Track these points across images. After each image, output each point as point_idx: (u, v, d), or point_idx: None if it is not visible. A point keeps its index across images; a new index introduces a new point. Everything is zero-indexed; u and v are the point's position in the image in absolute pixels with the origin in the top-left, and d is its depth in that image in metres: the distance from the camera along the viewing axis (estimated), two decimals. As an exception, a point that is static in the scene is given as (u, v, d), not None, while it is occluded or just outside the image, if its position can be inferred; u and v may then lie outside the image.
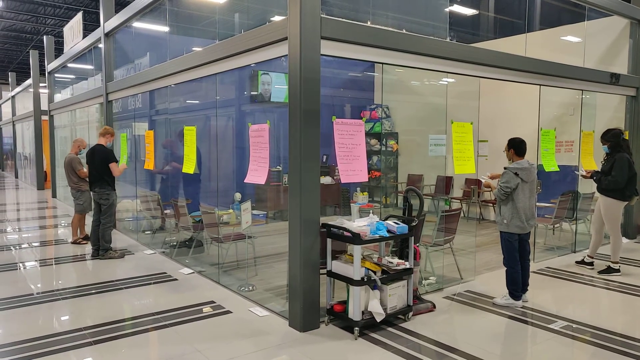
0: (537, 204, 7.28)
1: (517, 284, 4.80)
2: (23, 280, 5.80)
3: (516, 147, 4.81)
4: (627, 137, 6.20)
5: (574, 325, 4.37)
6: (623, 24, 8.06)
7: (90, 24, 14.83)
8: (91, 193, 7.10)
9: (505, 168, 4.81)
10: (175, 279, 5.82)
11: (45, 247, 7.69)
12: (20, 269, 6.32)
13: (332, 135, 4.39)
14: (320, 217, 4.29)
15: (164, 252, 7.19)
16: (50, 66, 13.87)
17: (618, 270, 5.99)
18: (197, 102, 9.51)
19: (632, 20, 7.92)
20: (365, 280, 4.10)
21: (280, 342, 3.99)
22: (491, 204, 9.53)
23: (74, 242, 7.74)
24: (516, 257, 4.79)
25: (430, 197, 10.11)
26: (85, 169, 7.35)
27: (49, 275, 6.06)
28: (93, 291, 5.36)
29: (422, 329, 4.26)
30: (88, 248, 7.30)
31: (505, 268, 4.87)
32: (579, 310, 4.80)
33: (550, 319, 4.53)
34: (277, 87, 9.74)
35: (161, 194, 8.04)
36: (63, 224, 9.65)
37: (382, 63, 4.86)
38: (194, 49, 6.28)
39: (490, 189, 5.15)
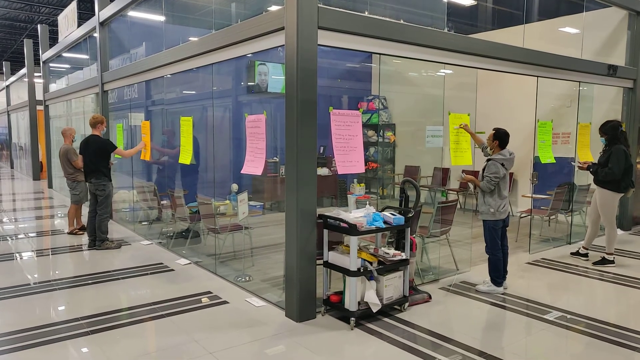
0: (534, 195, 7.32)
1: (500, 271, 5.00)
2: (20, 270, 5.80)
3: (501, 139, 4.94)
4: (624, 129, 6.21)
5: (569, 316, 4.40)
6: (621, 15, 8.03)
7: (85, 13, 14.65)
8: (87, 184, 7.08)
9: (490, 159, 4.89)
10: (172, 270, 5.83)
11: (41, 237, 7.68)
12: (16, 259, 6.31)
13: (329, 126, 4.38)
14: (317, 208, 4.29)
15: (160, 242, 7.18)
16: (44, 55, 13.74)
17: (612, 262, 6.03)
18: (194, 92, 9.46)
19: (631, 11, 7.89)
20: (362, 271, 4.11)
21: (276, 332, 4.01)
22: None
23: (70, 233, 7.73)
24: (499, 244, 4.98)
25: (427, 189, 10.13)
26: (80, 160, 7.31)
27: (46, 265, 6.05)
28: (90, 281, 5.36)
29: (418, 320, 4.28)
30: (84, 238, 7.29)
31: (488, 256, 5.02)
32: (574, 301, 4.84)
33: (545, 309, 4.57)
34: (274, 77, 9.69)
35: (158, 184, 8.02)
36: (59, 215, 9.62)
37: (380, 54, 4.84)
38: (190, 38, 6.23)
39: (474, 183, 5.18)
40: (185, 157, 6.29)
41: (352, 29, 4.33)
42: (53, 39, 14.89)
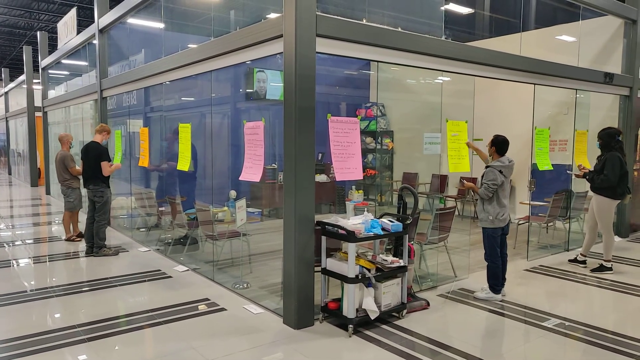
0: (532, 202, 7.33)
1: (498, 279, 5.00)
2: (17, 277, 5.77)
3: (498, 146, 4.96)
4: (621, 139, 6.23)
5: (567, 323, 4.40)
6: (617, 23, 8.10)
7: (85, 20, 14.72)
8: (85, 190, 7.07)
9: (488, 166, 4.90)
10: (170, 277, 5.81)
11: (39, 244, 7.65)
12: (13, 266, 6.28)
13: (327, 133, 4.39)
14: (315, 214, 4.29)
15: (158, 249, 7.17)
16: (44, 62, 13.77)
17: (610, 269, 6.03)
18: (192, 99, 9.48)
19: (626, 20, 7.96)
20: (360, 277, 4.11)
21: (274, 339, 4.00)
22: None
23: (67, 240, 7.71)
24: (498, 252, 4.98)
25: (425, 196, 10.14)
26: (79, 167, 7.31)
27: (43, 272, 6.03)
28: (87, 288, 5.34)
29: (416, 327, 4.28)
30: (82, 245, 7.27)
31: (487, 263, 5.02)
32: (572, 308, 4.84)
33: (543, 316, 4.56)
34: (272, 84, 9.72)
35: (156, 191, 8.01)
36: (57, 221, 9.60)
37: (378, 61, 4.87)
38: (189, 46, 6.26)
39: (473, 190, 5.21)
40: (184, 164, 6.29)
41: (350, 37, 4.35)
42: (52, 46, 14.94)
